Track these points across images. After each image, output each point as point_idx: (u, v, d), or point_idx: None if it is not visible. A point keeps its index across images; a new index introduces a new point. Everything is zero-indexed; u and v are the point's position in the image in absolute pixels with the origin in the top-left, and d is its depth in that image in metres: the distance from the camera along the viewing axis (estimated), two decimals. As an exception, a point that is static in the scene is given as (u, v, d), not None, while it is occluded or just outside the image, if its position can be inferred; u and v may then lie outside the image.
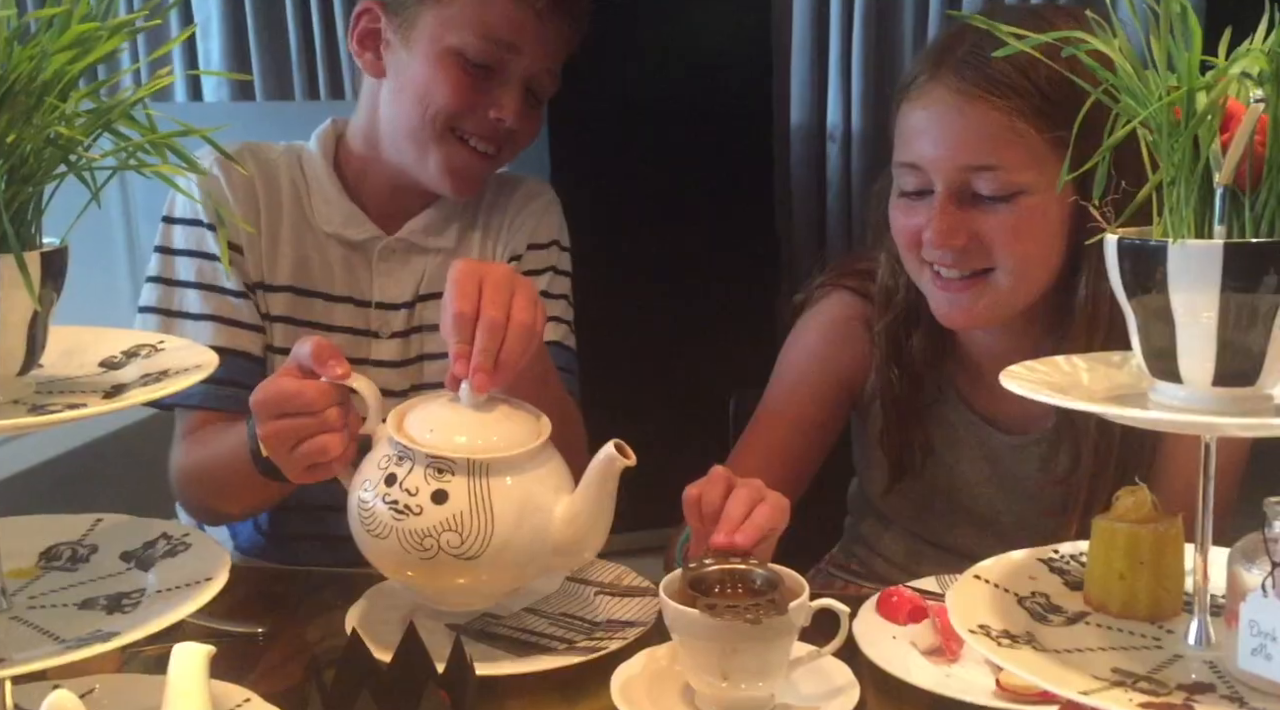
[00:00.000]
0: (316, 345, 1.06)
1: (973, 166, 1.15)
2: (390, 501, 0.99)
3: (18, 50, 0.68)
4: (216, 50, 3.11)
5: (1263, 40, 0.67)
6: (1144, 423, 0.71)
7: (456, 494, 0.98)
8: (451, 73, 1.30)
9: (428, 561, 0.98)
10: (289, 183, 1.39)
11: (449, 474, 0.98)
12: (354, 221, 1.39)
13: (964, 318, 1.22)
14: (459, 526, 0.97)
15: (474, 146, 1.34)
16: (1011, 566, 0.84)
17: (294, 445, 1.05)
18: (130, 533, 0.87)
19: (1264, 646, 0.66)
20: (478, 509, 0.98)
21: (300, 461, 1.06)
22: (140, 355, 0.82)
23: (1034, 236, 1.17)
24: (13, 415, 0.71)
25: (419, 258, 1.41)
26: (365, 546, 1.03)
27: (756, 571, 0.96)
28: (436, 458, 0.99)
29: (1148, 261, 0.67)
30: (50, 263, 0.72)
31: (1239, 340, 0.65)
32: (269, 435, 1.07)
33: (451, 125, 1.33)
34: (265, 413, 1.07)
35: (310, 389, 1.05)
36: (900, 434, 1.34)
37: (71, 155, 0.71)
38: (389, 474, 1.00)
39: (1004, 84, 1.13)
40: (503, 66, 1.32)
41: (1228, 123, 0.66)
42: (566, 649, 1.05)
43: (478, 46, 1.30)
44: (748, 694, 0.94)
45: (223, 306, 1.34)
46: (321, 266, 1.39)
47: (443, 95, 1.31)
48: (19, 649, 0.73)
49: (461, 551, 0.98)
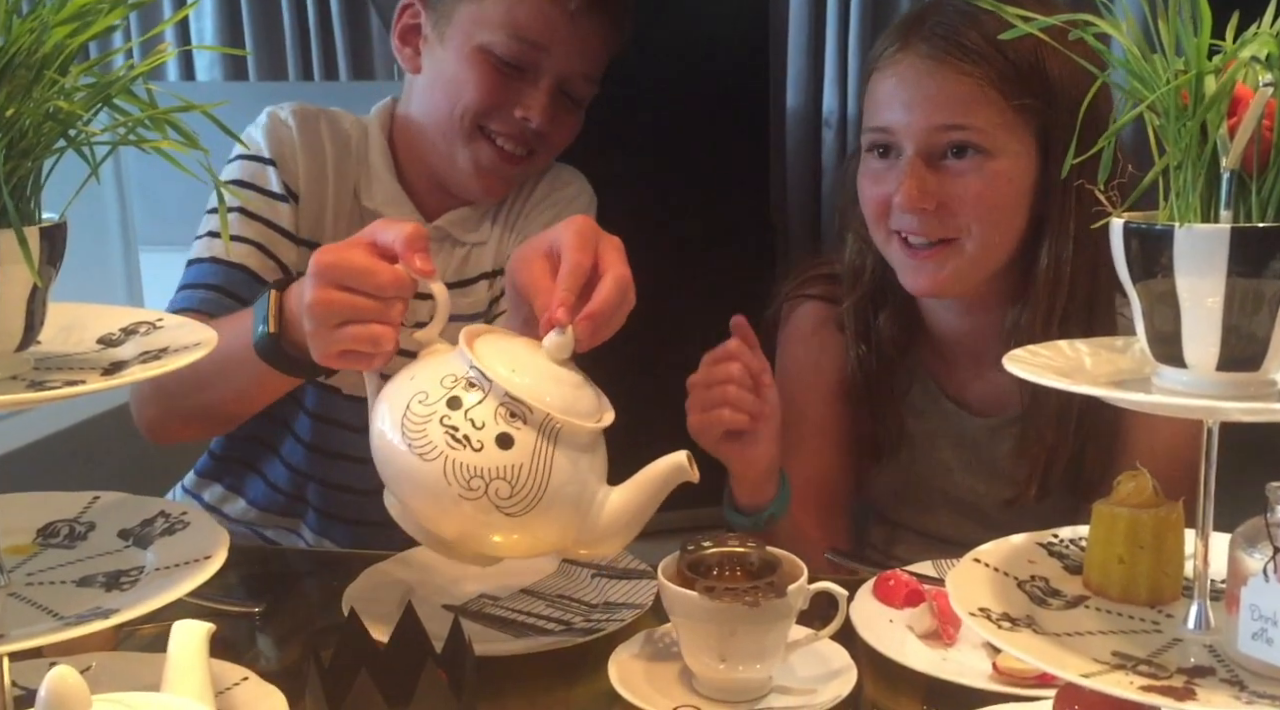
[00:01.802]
0: (412, 229, 0.95)
1: (943, 126, 1.18)
2: (449, 425, 0.88)
3: (17, 23, 0.67)
4: (210, 29, 3.10)
5: (1271, 23, 0.67)
6: (1147, 407, 0.71)
7: (522, 444, 0.88)
8: (481, 70, 1.29)
9: (467, 500, 0.88)
10: (355, 156, 1.39)
11: (520, 420, 0.89)
12: (396, 202, 1.38)
13: (931, 284, 1.24)
14: (513, 477, 0.88)
15: (502, 146, 1.33)
16: (1011, 550, 0.84)
17: (342, 322, 0.95)
18: (128, 510, 0.87)
19: (1264, 631, 0.66)
20: (537, 468, 0.89)
21: (340, 341, 0.95)
22: (139, 332, 0.81)
23: (999, 202, 1.20)
24: (11, 391, 0.71)
25: (451, 249, 1.41)
26: (392, 462, 0.90)
27: (755, 554, 0.96)
28: (515, 399, 0.89)
29: (1154, 246, 0.67)
30: (49, 238, 0.71)
31: (1244, 325, 0.65)
32: (321, 301, 0.94)
33: (479, 123, 1.32)
34: (326, 277, 0.95)
35: (386, 271, 0.95)
36: (874, 421, 1.35)
37: (71, 130, 0.71)
38: (453, 396, 0.89)
39: (973, 51, 1.16)
40: (533, 66, 1.30)
41: (1235, 107, 0.65)
42: (564, 631, 1.05)
43: (507, 44, 1.28)
44: (745, 676, 0.94)
45: (260, 232, 1.33)
46: None
47: (471, 92, 1.30)
48: (17, 625, 0.72)
49: (505, 504, 0.88)
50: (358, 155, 1.39)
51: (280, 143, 1.36)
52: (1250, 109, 0.64)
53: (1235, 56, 0.66)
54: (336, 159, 1.38)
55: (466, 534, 0.92)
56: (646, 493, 0.93)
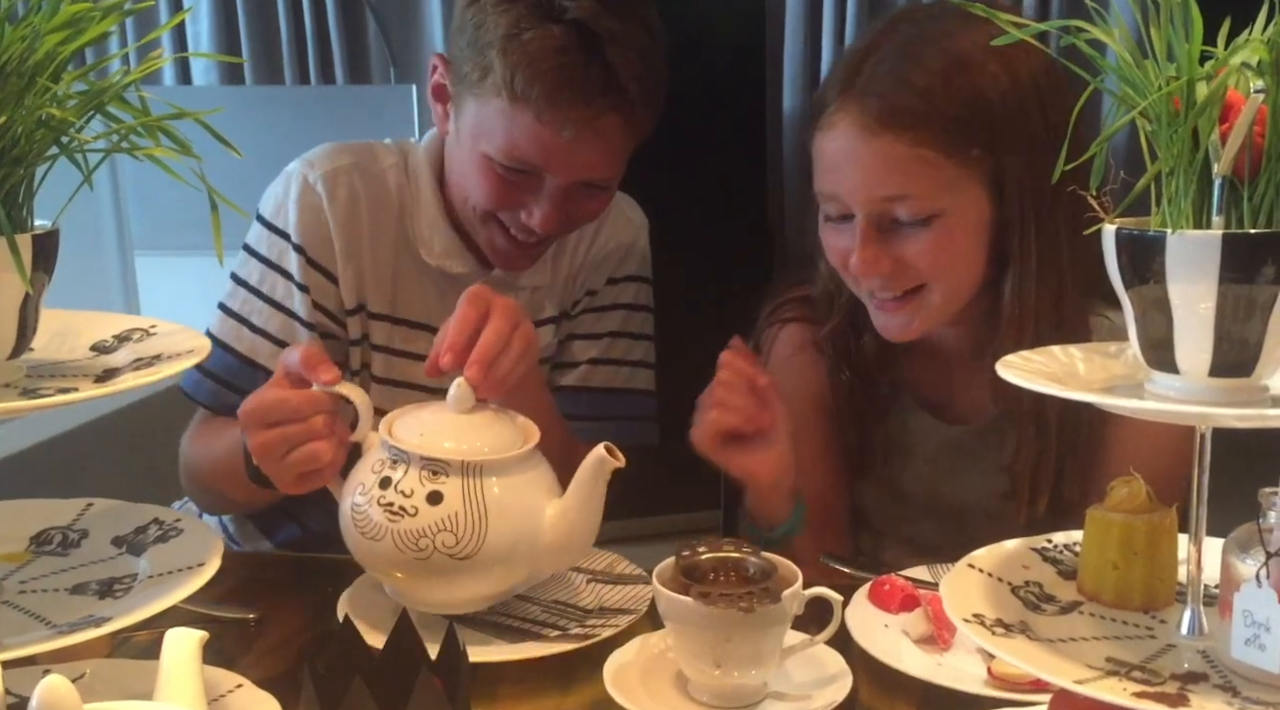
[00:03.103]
0: (305, 351, 1.06)
1: (885, 198, 1.15)
2: (385, 503, 0.99)
3: (9, 30, 0.67)
4: (205, 34, 3.09)
5: (1262, 30, 0.67)
6: (1140, 413, 0.71)
7: (451, 494, 0.99)
8: (484, 175, 1.25)
9: (422, 561, 0.99)
10: (397, 201, 1.35)
11: (443, 475, 0.99)
12: (454, 253, 1.35)
13: (902, 332, 1.23)
14: (454, 526, 0.98)
15: (515, 236, 1.28)
16: (1005, 555, 0.84)
17: (284, 454, 1.05)
18: (121, 518, 0.87)
19: (1257, 636, 0.66)
20: (472, 509, 0.99)
21: (291, 470, 1.05)
22: (132, 339, 0.81)
23: (957, 253, 1.17)
24: (4, 399, 0.71)
25: (512, 294, 1.35)
26: (359, 550, 1.03)
27: (750, 560, 0.96)
28: (431, 459, 1.00)
29: (1146, 252, 0.67)
30: (41, 245, 0.72)
31: (1236, 331, 0.66)
32: (258, 446, 1.06)
33: (491, 215, 1.28)
34: (253, 423, 1.06)
35: (295, 396, 1.05)
36: (858, 435, 1.35)
37: (63, 137, 0.71)
38: (383, 477, 1.01)
39: (907, 113, 1.12)
40: (536, 174, 1.24)
41: (1227, 113, 0.66)
42: (559, 636, 1.05)
43: (506, 158, 1.22)
44: (741, 682, 0.94)
45: (284, 327, 1.32)
46: (419, 295, 1.35)
47: (476, 192, 1.26)
48: (10, 634, 0.72)
49: (456, 551, 0.98)
50: (403, 204, 1.35)
51: (311, 222, 1.31)
52: (1241, 115, 0.64)
53: (1227, 63, 0.66)
54: (372, 214, 1.33)
55: (437, 589, 1.02)
56: (584, 491, 1.02)
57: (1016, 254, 1.18)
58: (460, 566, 0.99)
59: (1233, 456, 0.77)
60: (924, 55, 1.13)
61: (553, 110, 1.18)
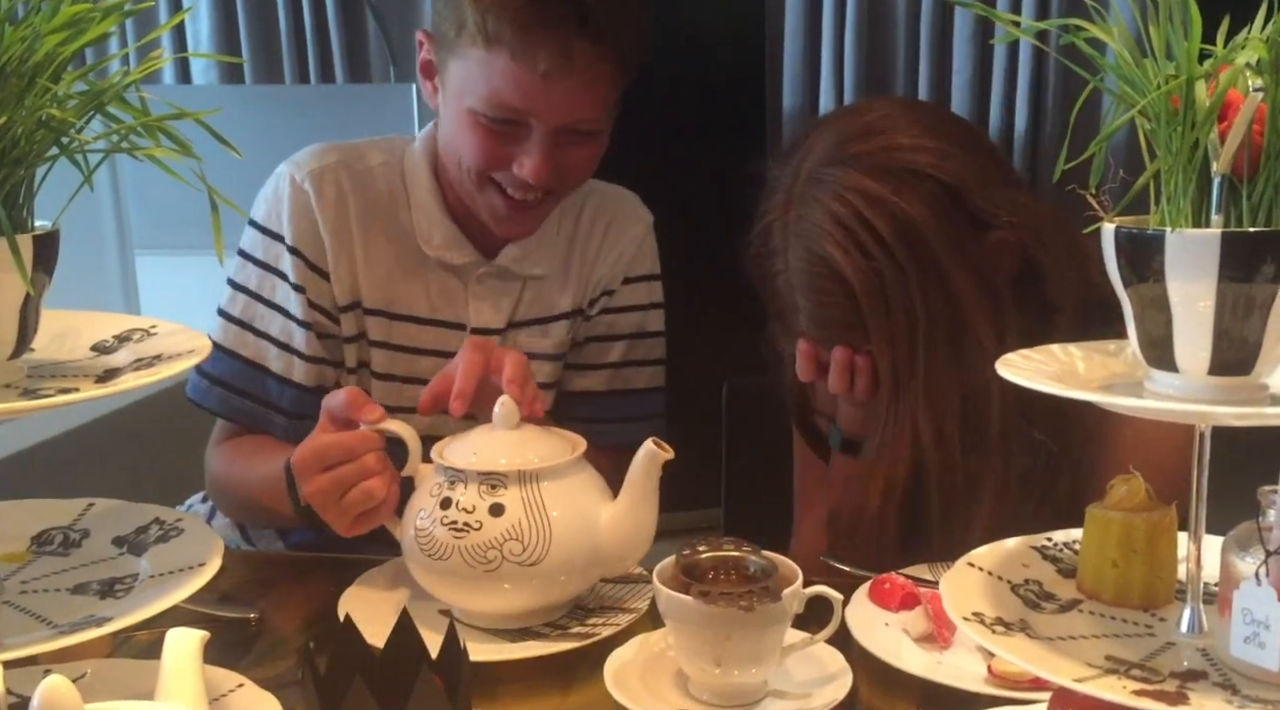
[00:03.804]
0: (349, 394, 1.10)
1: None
2: (449, 523, 1.02)
3: (9, 31, 0.67)
4: (205, 33, 3.09)
5: (1261, 29, 0.67)
6: (1139, 411, 0.71)
7: (512, 504, 1.02)
8: (473, 132, 1.25)
9: (492, 573, 1.01)
10: (388, 197, 1.35)
11: (502, 488, 1.02)
12: (454, 244, 1.35)
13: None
14: (520, 534, 1.01)
15: (512, 195, 1.28)
16: (1005, 554, 0.84)
17: (340, 496, 1.08)
18: (122, 517, 0.87)
19: (1257, 635, 0.66)
20: (534, 516, 1.02)
21: (349, 511, 1.08)
22: (132, 339, 0.81)
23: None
24: (5, 399, 0.71)
25: (513, 284, 1.38)
26: (427, 573, 1.05)
27: (751, 559, 0.96)
28: (488, 474, 1.03)
29: (1145, 250, 0.67)
30: (42, 246, 0.71)
31: (1235, 329, 0.66)
32: (315, 492, 1.08)
33: (486, 176, 1.28)
34: (308, 470, 1.09)
35: (347, 438, 1.09)
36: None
37: (64, 137, 0.71)
38: (443, 498, 1.03)
39: (851, 331, 1.16)
40: (524, 122, 1.24)
41: (1226, 111, 0.66)
42: (560, 635, 1.05)
43: (491, 109, 1.22)
44: (741, 680, 0.94)
45: (284, 330, 1.33)
46: (416, 287, 1.36)
47: (468, 152, 1.26)
48: (11, 634, 0.72)
49: (524, 558, 1.01)
50: (394, 199, 1.35)
51: (302, 222, 1.32)
52: (1240, 114, 0.64)
53: (1226, 61, 0.66)
54: (361, 209, 1.34)
55: (512, 601, 1.04)
56: (638, 488, 1.05)
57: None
58: (529, 573, 1.01)
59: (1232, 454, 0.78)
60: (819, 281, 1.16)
61: (525, 46, 1.19)
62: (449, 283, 1.36)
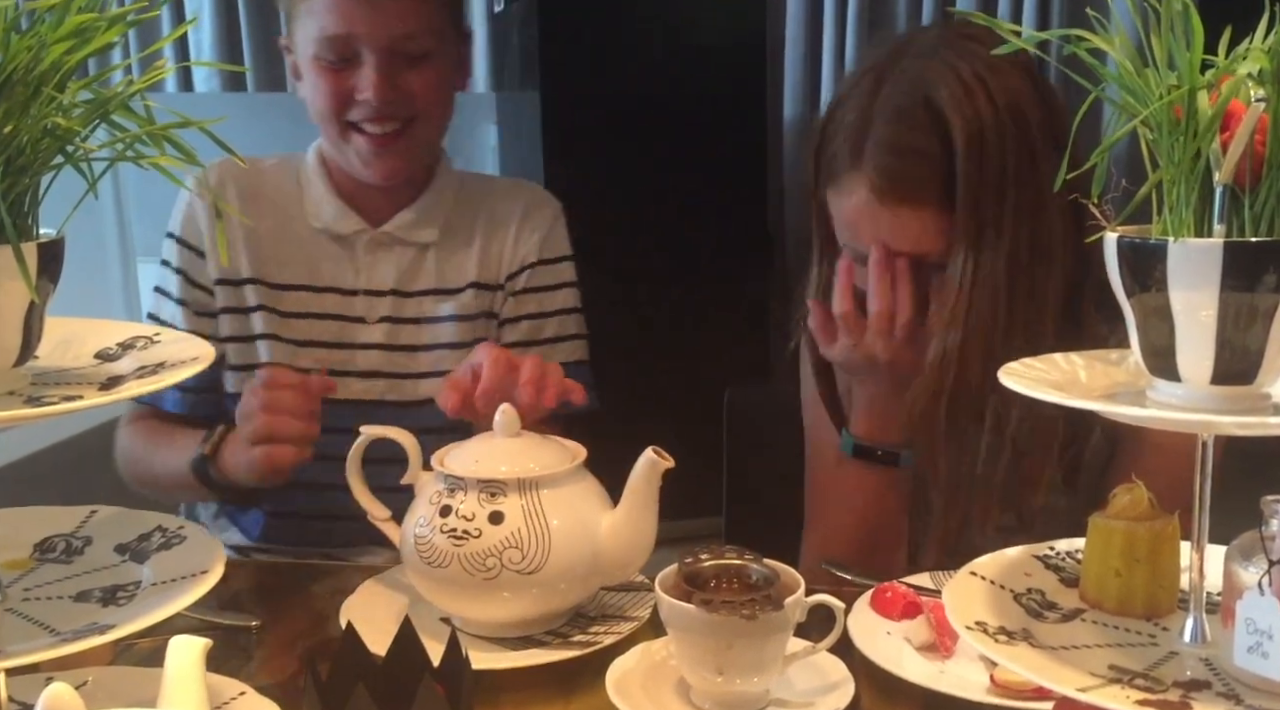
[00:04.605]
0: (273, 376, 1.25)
1: (904, 253, 1.21)
2: (448, 530, 1.02)
3: (15, 40, 0.67)
4: (208, 40, 3.10)
5: (1263, 39, 0.67)
6: (1142, 421, 0.71)
7: (512, 512, 1.02)
8: (320, 75, 1.39)
9: (491, 582, 1.01)
10: (275, 187, 1.50)
11: (501, 496, 1.03)
12: (341, 217, 1.48)
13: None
14: (519, 542, 1.01)
15: (372, 132, 1.40)
16: (1007, 563, 0.84)
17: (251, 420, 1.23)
18: (125, 525, 0.87)
19: (1260, 644, 0.66)
20: (534, 524, 1.02)
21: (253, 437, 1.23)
22: (136, 347, 0.81)
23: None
24: (9, 407, 0.71)
25: (402, 249, 1.49)
26: (426, 581, 1.05)
27: (753, 567, 0.96)
28: (488, 481, 1.03)
29: (1147, 260, 0.67)
30: (47, 254, 0.72)
31: (1238, 339, 0.66)
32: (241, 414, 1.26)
33: (343, 121, 1.40)
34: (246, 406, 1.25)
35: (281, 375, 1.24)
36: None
37: (69, 146, 0.71)
38: (443, 506, 1.04)
39: (909, 183, 1.17)
40: (354, 53, 1.38)
41: (1228, 122, 0.66)
42: (561, 643, 1.05)
43: (326, 46, 1.38)
44: (743, 689, 0.94)
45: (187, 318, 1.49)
46: (316, 259, 1.48)
47: (320, 97, 1.40)
48: (13, 641, 0.72)
49: (523, 566, 1.01)
50: (283, 188, 1.49)
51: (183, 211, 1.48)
52: (1243, 124, 0.64)
53: (1228, 71, 0.66)
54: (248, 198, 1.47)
55: (511, 609, 1.04)
56: (639, 497, 1.05)
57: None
58: (529, 581, 1.01)
59: (1235, 464, 0.78)
60: (914, 117, 1.17)
61: None
62: (340, 253, 1.49)
